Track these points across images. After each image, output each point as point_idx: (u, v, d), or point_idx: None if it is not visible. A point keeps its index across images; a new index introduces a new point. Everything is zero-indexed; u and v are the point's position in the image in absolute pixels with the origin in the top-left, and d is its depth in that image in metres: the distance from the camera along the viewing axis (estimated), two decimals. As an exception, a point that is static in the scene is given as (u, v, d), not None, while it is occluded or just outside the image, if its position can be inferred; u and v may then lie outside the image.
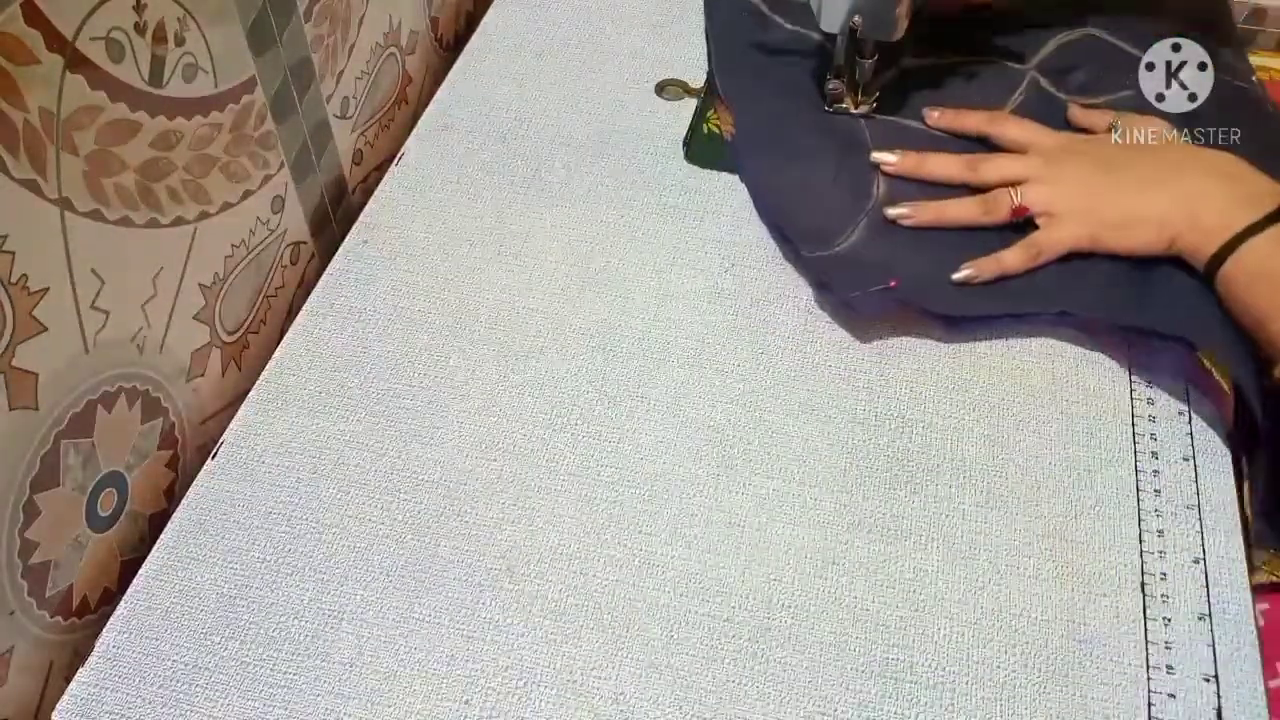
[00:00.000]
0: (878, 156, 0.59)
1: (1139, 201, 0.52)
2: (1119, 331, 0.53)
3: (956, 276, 0.54)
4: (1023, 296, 0.53)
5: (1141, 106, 0.60)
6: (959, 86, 0.64)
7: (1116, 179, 0.53)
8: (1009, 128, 0.59)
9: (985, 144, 0.61)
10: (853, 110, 0.63)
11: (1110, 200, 0.53)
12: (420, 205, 0.61)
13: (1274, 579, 0.54)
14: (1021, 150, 0.57)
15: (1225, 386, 0.51)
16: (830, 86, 0.63)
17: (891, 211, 0.56)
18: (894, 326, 0.54)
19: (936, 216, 0.56)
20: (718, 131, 0.64)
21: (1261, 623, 0.44)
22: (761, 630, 0.43)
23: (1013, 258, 0.53)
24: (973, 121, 0.60)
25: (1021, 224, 0.54)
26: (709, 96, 0.66)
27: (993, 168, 0.56)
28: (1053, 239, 0.53)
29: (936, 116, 0.61)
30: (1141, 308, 0.51)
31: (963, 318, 0.53)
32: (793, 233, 0.57)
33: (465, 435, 0.50)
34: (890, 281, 0.53)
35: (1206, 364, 0.52)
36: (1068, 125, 0.61)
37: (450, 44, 0.77)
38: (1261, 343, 0.48)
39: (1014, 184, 0.55)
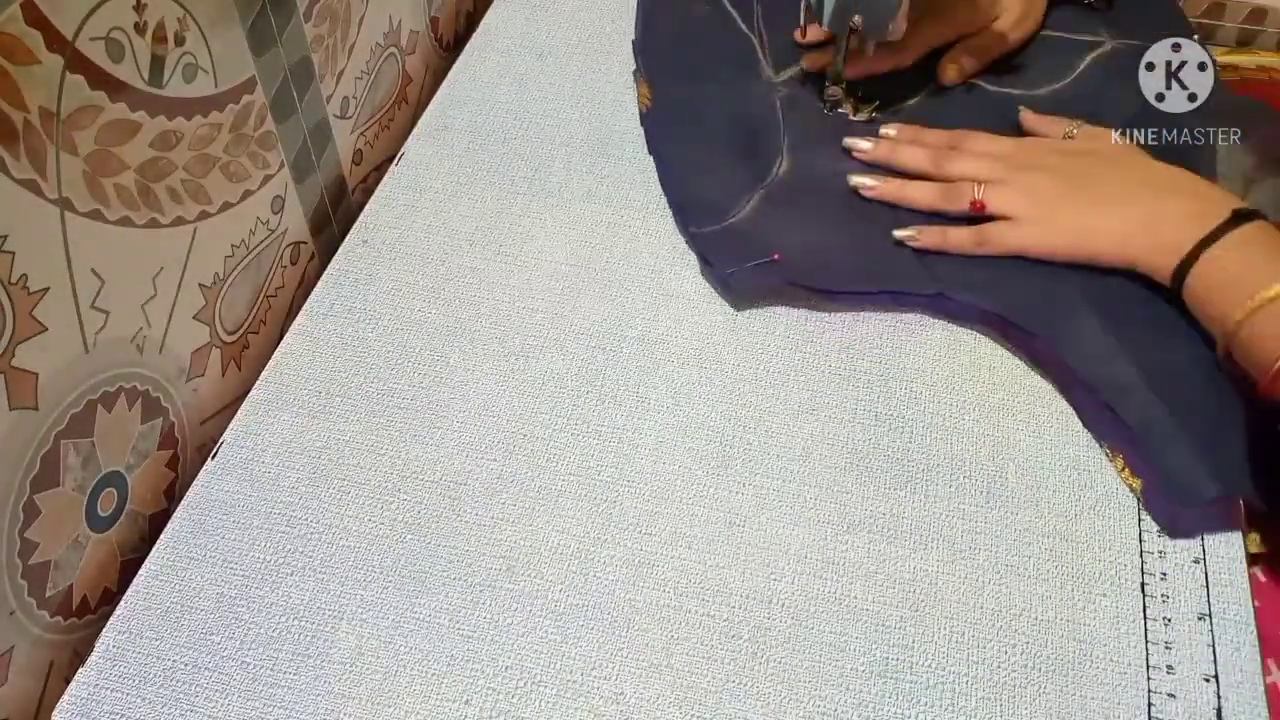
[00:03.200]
0: (856, 180, 0.58)
1: (1100, 216, 0.52)
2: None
3: (898, 233, 0.55)
4: (903, 276, 0.54)
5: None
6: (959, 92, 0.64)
7: (1079, 192, 0.53)
8: (979, 143, 0.58)
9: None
10: (852, 117, 0.63)
11: (1071, 211, 0.53)
12: (420, 205, 0.61)
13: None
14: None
15: None
16: (829, 93, 0.63)
17: (899, 234, 0.55)
18: (894, 326, 0.54)
19: (897, 194, 0.57)
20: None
21: (1257, 603, 0.44)
22: (761, 630, 0.43)
23: (958, 237, 0.54)
24: (919, 158, 0.58)
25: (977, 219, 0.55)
26: (636, 73, 0.67)
27: (957, 167, 0.57)
28: (1004, 237, 0.54)
29: (894, 135, 0.60)
30: (1012, 299, 0.52)
31: (841, 293, 0.54)
32: (689, 204, 0.58)
33: (465, 435, 0.50)
34: (773, 255, 0.54)
35: None
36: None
37: (450, 44, 0.77)
38: (1229, 343, 0.47)
39: (978, 183, 0.55)
